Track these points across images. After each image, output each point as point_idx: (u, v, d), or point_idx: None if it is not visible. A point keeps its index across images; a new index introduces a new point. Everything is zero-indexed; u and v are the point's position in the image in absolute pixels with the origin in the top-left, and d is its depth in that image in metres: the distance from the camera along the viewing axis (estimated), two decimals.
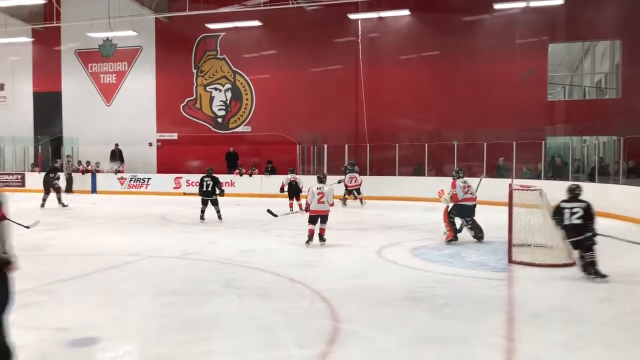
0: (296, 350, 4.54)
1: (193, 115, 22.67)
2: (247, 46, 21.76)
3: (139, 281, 7.06)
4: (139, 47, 23.11)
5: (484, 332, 5.03)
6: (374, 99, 20.01)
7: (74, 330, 4.97)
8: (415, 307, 5.75)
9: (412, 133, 19.32)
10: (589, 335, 5.00)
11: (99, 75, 23.75)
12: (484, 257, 8.48)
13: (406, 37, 20.07)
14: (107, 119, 23.34)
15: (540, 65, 18.66)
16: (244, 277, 7.28)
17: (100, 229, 11.84)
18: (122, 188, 21.50)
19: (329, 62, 20.76)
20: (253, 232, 11.03)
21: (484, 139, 18.02)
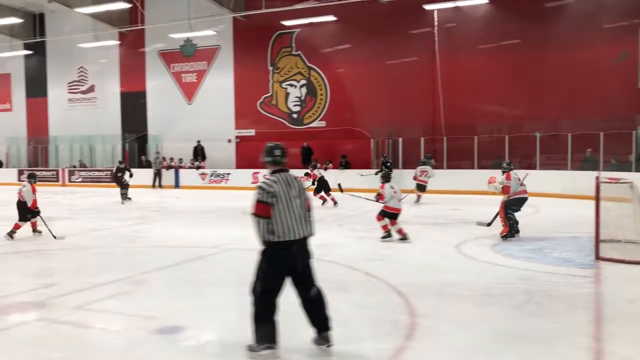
0: (372, 344, 4.55)
1: (269, 112, 23.11)
2: (322, 41, 21.89)
3: (221, 273, 7.31)
4: (217, 46, 23.81)
5: (569, 331, 4.82)
6: (451, 91, 19.58)
7: (161, 319, 5.21)
8: (495, 304, 5.59)
9: (491, 125, 18.76)
10: None
11: (181, 75, 24.70)
12: (569, 253, 8.11)
13: (485, 26, 19.47)
14: (188, 116, 24.27)
15: (629, 50, 17.54)
16: (319, 270, 7.28)
17: (185, 223, 12.34)
18: (203, 183, 22.29)
19: (405, 54, 20.51)
20: (328, 226, 11.12)
21: (568, 130, 17.20)
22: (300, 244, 4.24)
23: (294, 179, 4.32)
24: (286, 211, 4.15)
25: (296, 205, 4.21)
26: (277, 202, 4.14)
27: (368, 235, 10.06)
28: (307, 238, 4.32)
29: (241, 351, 4.44)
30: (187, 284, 6.66)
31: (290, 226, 4.16)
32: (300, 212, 4.23)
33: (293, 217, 4.18)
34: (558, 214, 9.53)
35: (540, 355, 4.29)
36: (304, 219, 4.26)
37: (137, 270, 7.33)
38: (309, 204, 4.35)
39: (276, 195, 4.14)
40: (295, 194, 4.24)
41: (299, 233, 4.20)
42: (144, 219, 12.92)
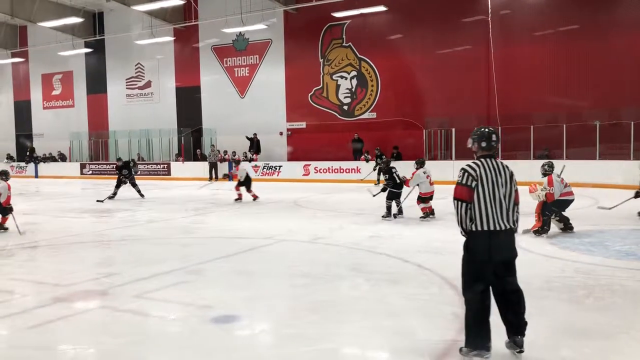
0: (424, 336, 4.52)
1: (320, 104, 23.17)
2: (372, 32, 21.72)
3: (273, 263, 7.43)
4: (269, 39, 24.03)
5: (631, 326, 4.65)
6: (506, 79, 19.07)
7: (217, 308, 5.35)
8: (554, 298, 5.45)
9: (548, 114, 18.18)
10: None
11: (233, 69, 25.09)
12: (631, 246, 7.81)
13: (541, 12, 18.83)
14: (241, 110, 24.64)
15: None
16: (371, 262, 7.37)
17: (238, 214, 12.57)
18: (255, 175, 22.59)
19: (457, 43, 20.10)
20: (379, 218, 11.08)
21: (630, 118, 16.46)
22: (501, 235, 3.89)
23: (505, 167, 4.00)
24: (488, 199, 3.87)
25: (500, 195, 3.89)
26: (479, 188, 3.88)
27: (419, 227, 9.98)
28: (510, 231, 3.95)
29: (294, 341, 4.52)
30: (242, 275, 6.80)
31: (491, 215, 3.86)
32: (505, 202, 3.90)
33: (494, 206, 3.87)
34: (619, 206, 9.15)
35: (601, 351, 4.16)
36: (508, 211, 3.92)
37: (194, 260, 7.53)
38: (517, 197, 4.02)
39: (478, 180, 3.88)
40: (502, 182, 3.92)
41: (499, 224, 3.87)
42: (200, 210, 13.25)
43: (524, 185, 15.46)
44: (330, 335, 4.63)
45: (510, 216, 3.93)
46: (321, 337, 4.59)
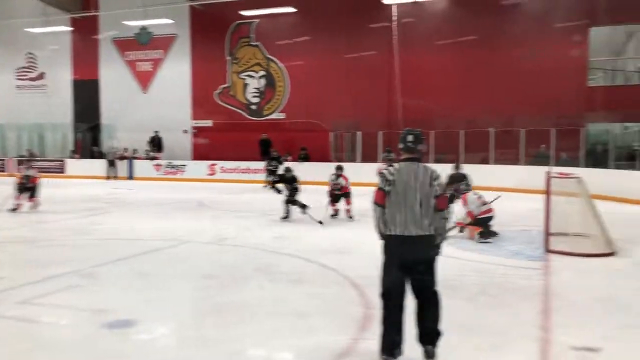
0: (327, 336, 4.55)
1: (227, 103, 22.84)
2: (282, 33, 21.73)
3: (175, 265, 7.18)
4: (174, 34, 23.35)
5: (520, 322, 4.94)
6: (409, 85, 19.77)
7: (113, 313, 5.08)
8: (451, 296, 5.63)
9: (448, 120, 19.04)
10: (630, 326, 4.85)
11: (136, 63, 24.12)
12: (520, 246, 8.33)
13: (442, 22, 19.72)
14: (143, 106, 23.73)
15: (580, 49, 18.12)
16: (276, 262, 7.33)
17: (138, 215, 12.08)
18: (158, 174, 21.88)
19: (364, 48, 20.57)
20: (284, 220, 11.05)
21: (521, 126, 17.63)
22: (414, 240, 3.81)
23: (427, 172, 3.89)
24: (401, 203, 3.81)
25: (414, 200, 3.81)
26: (392, 192, 3.83)
27: (325, 228, 10.07)
28: (424, 237, 3.83)
29: (195, 344, 4.38)
30: (141, 277, 6.52)
31: (402, 220, 3.81)
32: (418, 208, 3.80)
33: (406, 211, 3.81)
34: (510, 208, 9.75)
35: (494, 346, 4.38)
36: (422, 217, 3.81)
37: (89, 263, 7.12)
38: (440, 203, 3.87)
39: (392, 184, 3.83)
40: (418, 187, 3.82)
41: (410, 230, 3.80)
42: (96, 210, 12.57)
43: None
44: (235, 337, 4.54)
45: (424, 222, 3.82)
46: (225, 339, 4.49)
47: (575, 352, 4.25)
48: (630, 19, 18.20)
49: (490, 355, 4.22)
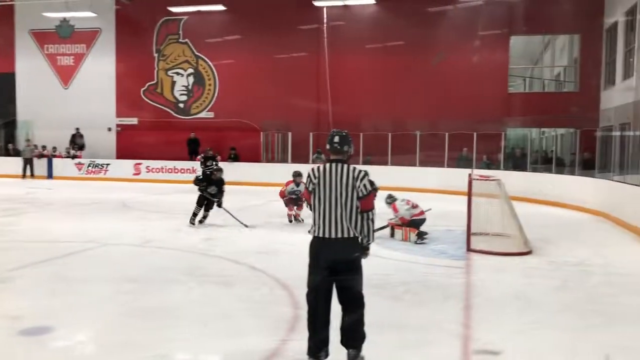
0: (256, 337, 4.53)
1: (154, 100, 22.23)
2: (211, 31, 21.39)
3: (98, 269, 6.92)
4: (98, 29, 22.48)
5: (442, 319, 5.12)
6: (339, 88, 20.00)
7: (29, 319, 4.84)
8: (376, 294, 5.78)
9: (376, 122, 19.39)
10: (543, 321, 5.14)
11: (56, 57, 23.02)
12: (444, 246, 8.62)
13: (371, 27, 20.08)
14: (64, 102, 22.67)
15: (501, 57, 18.98)
16: (204, 264, 7.22)
17: (58, 216, 11.54)
18: (79, 174, 20.99)
19: (294, 49, 20.61)
20: (214, 220, 10.90)
21: (446, 129, 18.24)
22: (332, 242, 3.77)
23: (350, 174, 3.83)
24: (321, 205, 3.81)
25: (334, 202, 3.78)
26: (315, 193, 3.83)
27: (255, 230, 10.01)
28: (342, 240, 3.78)
29: (119, 349, 4.24)
30: (60, 281, 6.23)
31: (321, 222, 3.79)
32: (339, 210, 3.77)
33: (325, 213, 3.79)
34: (434, 209, 10.05)
35: (417, 342, 4.52)
36: (342, 219, 3.77)
37: (3, 267, 6.72)
38: (365, 204, 3.83)
39: (316, 185, 3.83)
40: (340, 189, 3.79)
41: (328, 232, 3.77)
42: (11, 211, 11.89)
43: None
44: (161, 342, 4.43)
45: (345, 225, 3.77)
46: (151, 344, 4.37)
47: (492, 346, 4.45)
48: (546, 29, 19.28)
49: (412, 351, 4.35)
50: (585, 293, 6.22)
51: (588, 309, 5.58)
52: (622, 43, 16.23)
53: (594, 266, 7.47)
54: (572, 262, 7.60)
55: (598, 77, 18.15)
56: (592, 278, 6.89)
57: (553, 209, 13.45)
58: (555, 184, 14.38)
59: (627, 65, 15.84)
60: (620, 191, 11.39)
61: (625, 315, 5.40)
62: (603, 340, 4.65)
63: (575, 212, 12.86)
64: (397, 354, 4.28)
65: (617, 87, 16.47)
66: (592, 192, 12.97)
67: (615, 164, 13.51)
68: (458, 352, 4.36)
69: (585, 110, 17.62)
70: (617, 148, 13.82)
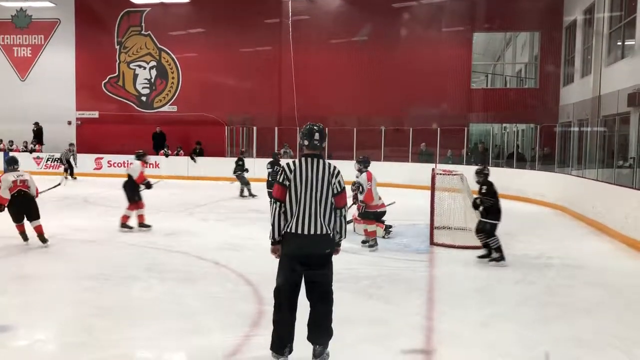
0: (219, 334, 4.49)
1: (115, 93, 21.76)
2: (174, 23, 21.03)
3: (56, 265, 6.74)
4: (56, 19, 21.85)
5: (406, 312, 5.18)
6: (304, 82, 19.94)
7: None
8: (340, 289, 5.72)
9: (342, 117, 19.43)
10: (504, 314, 5.25)
11: (12, 48, 22.27)
12: (408, 240, 8.71)
13: (336, 21, 20.07)
14: (21, 95, 21.98)
15: (464, 53, 19.24)
16: (167, 261, 7.12)
17: None
18: (38, 168, 20.39)
19: (259, 43, 20.45)
20: (177, 216, 10.78)
21: (410, 125, 18.41)
22: (310, 238, 3.75)
23: (326, 169, 3.82)
24: (300, 200, 3.74)
25: (314, 197, 3.75)
26: (291, 188, 3.74)
27: (219, 225, 9.93)
28: (321, 236, 3.78)
29: (79, 349, 4.15)
30: (14, 279, 6.07)
31: (300, 217, 3.74)
32: (318, 206, 3.76)
33: (305, 208, 3.74)
34: (399, 203, 10.14)
35: (381, 335, 4.55)
36: (322, 215, 3.77)
37: None
38: (339, 201, 3.84)
39: (292, 180, 3.74)
40: (318, 184, 3.76)
41: (308, 228, 3.74)
42: None
43: None
44: (122, 341, 4.35)
45: (324, 221, 3.79)
46: (111, 343, 4.29)
47: (454, 339, 4.52)
48: (508, 27, 19.63)
49: (377, 345, 4.38)
50: (544, 285, 6.37)
51: (547, 301, 5.72)
52: (580, 41, 16.66)
53: (553, 259, 7.66)
54: (532, 255, 7.78)
55: (558, 74, 18.60)
56: (550, 271, 7.07)
57: (514, 203, 13.70)
58: (515, 178, 14.68)
59: (585, 62, 16.27)
60: (579, 185, 11.71)
61: (581, 307, 5.55)
62: (561, 331, 4.77)
63: (536, 206, 13.17)
64: (361, 347, 4.31)
65: (576, 84, 16.90)
66: (551, 187, 13.30)
67: (574, 159, 13.86)
68: (421, 344, 4.42)
69: (545, 106, 18.05)
70: (575, 143, 14.17)
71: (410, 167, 17.38)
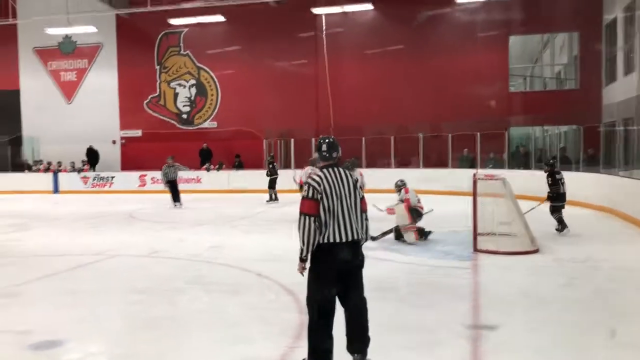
0: (263, 344, 4.53)
1: (157, 112, 22.36)
2: (211, 42, 21.53)
3: (105, 281, 6.94)
4: (99, 43, 22.65)
5: (451, 319, 5.10)
6: (340, 93, 20.05)
7: (38, 333, 4.85)
8: (382, 298, 5.78)
9: (378, 126, 19.40)
10: (551, 319, 5.12)
11: (59, 73, 23.20)
12: (450, 247, 8.60)
13: (370, 32, 20.14)
14: (68, 117, 22.84)
15: (501, 57, 18.99)
16: (211, 273, 7.24)
17: (64, 229, 11.59)
18: (85, 187, 21.08)
19: (294, 57, 20.70)
20: (221, 229, 10.95)
21: (448, 131, 18.24)
22: (347, 246, 3.82)
23: (348, 176, 3.92)
24: (335, 211, 3.79)
25: (346, 206, 3.83)
26: (324, 200, 3.77)
27: (261, 237, 10.03)
28: (357, 242, 3.89)
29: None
30: (68, 294, 6.26)
31: (337, 227, 3.79)
32: (352, 212, 3.86)
33: (342, 217, 3.80)
34: (439, 210, 10.05)
35: (424, 344, 4.51)
36: (355, 221, 3.88)
37: (10, 282, 6.76)
38: (363, 205, 3.99)
39: (322, 192, 3.77)
40: (347, 192, 3.85)
41: (347, 236, 3.81)
42: (16, 227, 11.96)
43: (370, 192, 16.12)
44: (169, 352, 4.45)
45: (359, 227, 3.89)
46: (159, 355, 4.39)
47: (501, 346, 4.44)
48: (545, 28, 19.29)
49: (421, 353, 4.34)
50: (591, 289, 6.19)
51: (596, 305, 5.56)
52: (622, 38, 16.22)
53: (600, 262, 7.44)
54: (579, 259, 7.57)
55: (599, 73, 18.14)
56: (598, 274, 6.87)
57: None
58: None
59: (627, 60, 15.81)
60: (626, 186, 11.34)
61: (631, 311, 5.37)
62: (611, 336, 4.62)
63: (581, 209, 12.80)
64: (405, 356, 4.28)
65: (619, 83, 16.43)
66: (597, 188, 12.92)
67: (620, 159, 13.44)
68: (467, 352, 4.35)
69: (588, 106, 17.59)
70: (621, 143, 13.76)
71: (450, 173, 17.19)
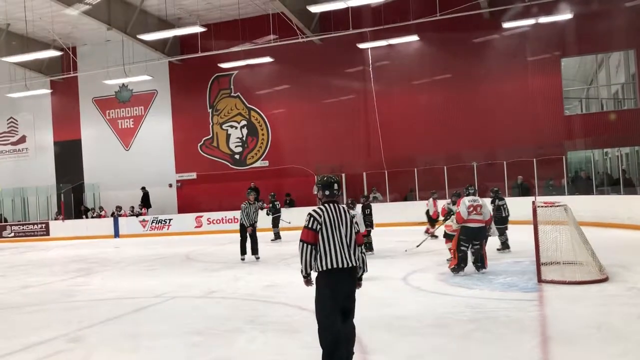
0: None
1: (210, 154, 22.90)
2: (260, 82, 22.05)
3: (165, 322, 7.00)
4: (154, 90, 23.56)
5: (519, 355, 4.85)
6: (389, 125, 20.02)
7: None
8: (445, 334, 5.58)
9: (430, 156, 19.20)
10: (629, 353, 4.79)
11: (117, 121, 24.22)
12: (513, 278, 8.27)
13: (417, 62, 20.15)
14: (126, 163, 23.71)
15: (554, 80, 18.55)
16: (268, 312, 7.19)
17: (125, 273, 11.86)
18: (144, 231, 21.64)
19: (342, 93, 20.90)
20: (276, 267, 10.94)
21: (503, 158, 17.82)
22: (345, 272, 4.30)
23: (346, 211, 4.43)
24: (332, 240, 4.29)
25: (342, 236, 4.32)
26: (323, 230, 4.29)
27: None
28: (353, 268, 4.35)
29: None
30: (129, 338, 6.33)
31: (334, 254, 4.27)
32: (346, 242, 4.33)
33: (337, 246, 4.29)
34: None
35: None
36: (349, 250, 4.34)
37: (75, 326, 6.92)
38: (359, 238, 4.45)
39: (322, 224, 4.30)
40: (343, 224, 4.36)
41: (342, 262, 4.27)
42: (81, 271, 12.33)
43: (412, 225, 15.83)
44: None
45: (352, 255, 4.33)
46: None
47: None
48: (598, 48, 18.77)
49: None
50: None
51: None
52: None
53: None
54: None
55: None
56: None
57: (625, 231, 12.74)
58: (625, 205, 13.68)
59: None
60: None
61: None
62: None
63: None
64: None
65: None
66: None
67: None
68: None
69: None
70: None
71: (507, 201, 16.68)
